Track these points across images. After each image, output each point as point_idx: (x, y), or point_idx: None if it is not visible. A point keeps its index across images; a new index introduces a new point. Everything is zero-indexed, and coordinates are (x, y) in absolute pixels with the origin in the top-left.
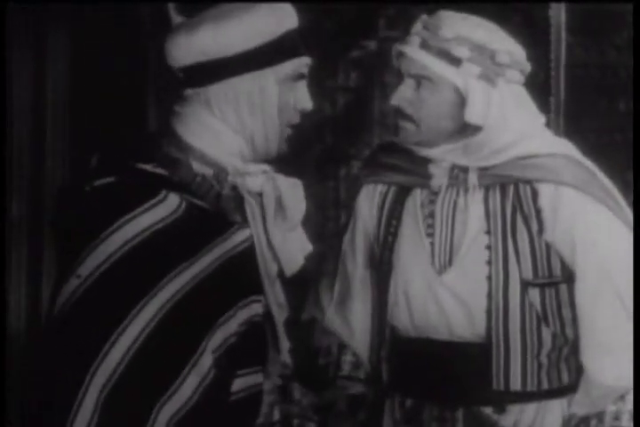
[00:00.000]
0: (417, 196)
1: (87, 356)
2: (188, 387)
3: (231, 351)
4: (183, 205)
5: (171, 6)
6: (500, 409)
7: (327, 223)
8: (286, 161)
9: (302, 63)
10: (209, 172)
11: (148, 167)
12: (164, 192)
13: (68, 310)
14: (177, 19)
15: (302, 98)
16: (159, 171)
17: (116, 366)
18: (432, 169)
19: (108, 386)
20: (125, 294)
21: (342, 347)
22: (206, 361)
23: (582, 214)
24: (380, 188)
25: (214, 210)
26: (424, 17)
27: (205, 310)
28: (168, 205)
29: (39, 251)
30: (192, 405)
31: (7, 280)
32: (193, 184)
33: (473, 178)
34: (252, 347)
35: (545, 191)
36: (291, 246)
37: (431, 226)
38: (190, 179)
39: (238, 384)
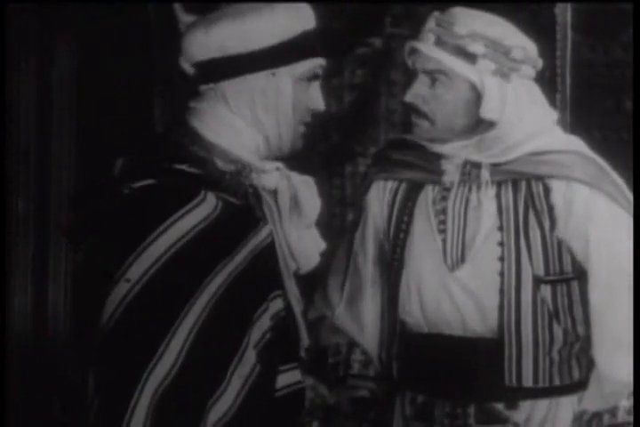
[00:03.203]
0: (429, 192)
1: (141, 359)
2: (233, 386)
3: (270, 346)
4: (220, 204)
5: (177, 6)
6: (512, 405)
7: (333, 221)
8: (292, 158)
9: (317, 64)
10: (232, 168)
11: (184, 167)
12: (202, 192)
13: (120, 315)
14: (185, 18)
15: (315, 98)
16: (195, 170)
17: (169, 368)
18: (444, 165)
19: (160, 389)
20: (175, 296)
21: (351, 346)
22: (249, 358)
23: (595, 211)
24: (391, 184)
25: (245, 206)
26: (436, 14)
27: (243, 306)
28: (208, 205)
29: (45, 249)
30: (239, 403)
31: (12, 279)
32: (224, 182)
33: (485, 174)
34: (287, 341)
35: (557, 188)
36: (306, 244)
37: (443, 222)
38: (220, 176)
39: (282, 380)
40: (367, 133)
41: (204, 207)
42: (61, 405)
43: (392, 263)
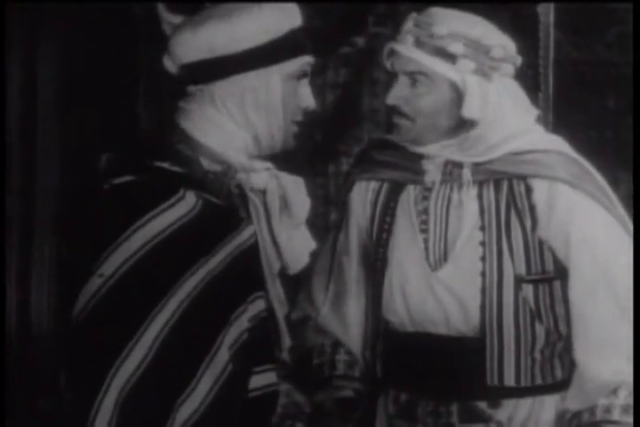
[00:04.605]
0: (410, 192)
1: (109, 354)
2: (203, 385)
3: (246, 347)
4: (200, 203)
5: (160, 6)
6: (495, 404)
7: (316, 220)
8: (275, 158)
9: (305, 61)
10: (218, 168)
11: (166, 165)
12: (181, 190)
13: (91, 310)
14: (169, 18)
15: (306, 96)
16: (175, 169)
17: (138, 364)
18: (425, 165)
19: (129, 383)
20: (148, 293)
21: (336, 346)
22: (221, 358)
23: (577, 211)
24: (373, 184)
25: (227, 207)
26: (414, 15)
27: (219, 306)
28: (187, 203)
29: (29, 249)
30: (209, 403)
31: None
32: (206, 181)
33: (467, 174)
34: (265, 343)
35: (539, 187)
36: (295, 244)
37: (425, 222)
38: (203, 176)
39: (255, 381)
40: (350, 133)
41: (182, 206)
42: (46, 401)
43: (375, 263)
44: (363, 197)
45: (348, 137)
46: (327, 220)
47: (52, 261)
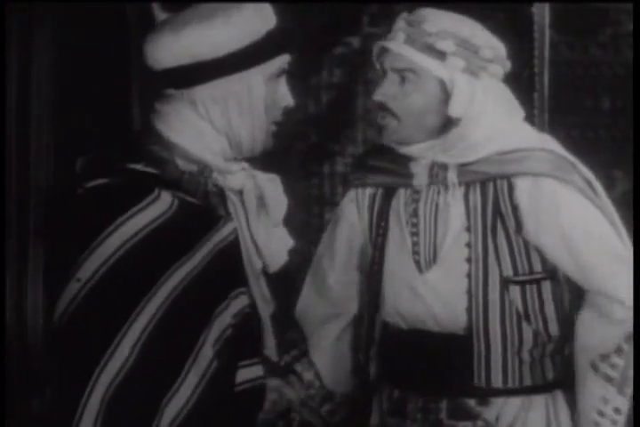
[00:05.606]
0: (401, 196)
1: (92, 357)
2: (189, 383)
3: (230, 343)
4: (175, 203)
5: (155, 5)
6: (484, 401)
7: (311, 220)
8: (270, 158)
9: (285, 60)
10: (193, 169)
11: (139, 167)
12: (156, 191)
13: (70, 314)
14: (162, 16)
15: (284, 95)
16: (149, 170)
17: (121, 365)
18: (413, 168)
19: (113, 385)
20: (127, 295)
21: (310, 363)
22: (206, 356)
23: (564, 203)
24: (369, 191)
25: (204, 206)
26: (404, 14)
27: (201, 304)
28: (161, 204)
29: (25, 252)
30: (195, 401)
31: None
32: (182, 181)
33: (452, 176)
34: (250, 338)
35: (522, 185)
36: (274, 243)
37: (415, 225)
38: (178, 176)
39: (242, 375)
40: (345, 133)
41: (158, 206)
42: (39, 402)
43: (372, 267)
44: (360, 203)
45: (343, 137)
46: (322, 220)
47: (45, 264)
